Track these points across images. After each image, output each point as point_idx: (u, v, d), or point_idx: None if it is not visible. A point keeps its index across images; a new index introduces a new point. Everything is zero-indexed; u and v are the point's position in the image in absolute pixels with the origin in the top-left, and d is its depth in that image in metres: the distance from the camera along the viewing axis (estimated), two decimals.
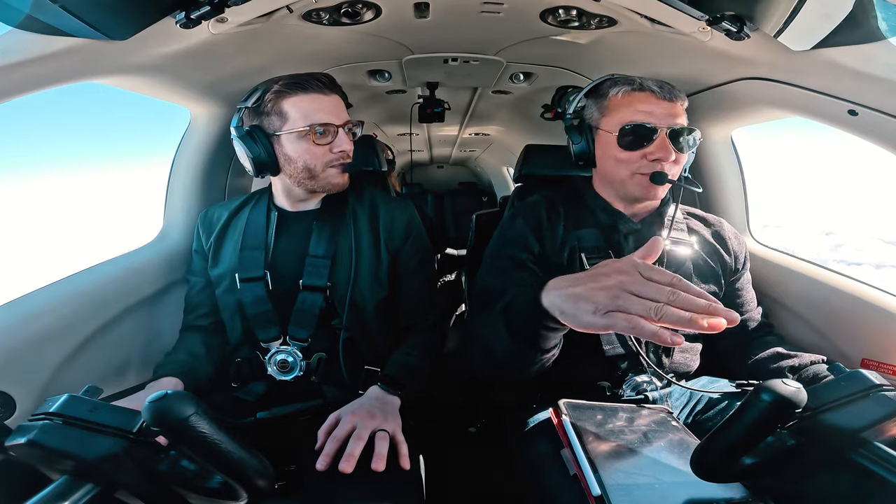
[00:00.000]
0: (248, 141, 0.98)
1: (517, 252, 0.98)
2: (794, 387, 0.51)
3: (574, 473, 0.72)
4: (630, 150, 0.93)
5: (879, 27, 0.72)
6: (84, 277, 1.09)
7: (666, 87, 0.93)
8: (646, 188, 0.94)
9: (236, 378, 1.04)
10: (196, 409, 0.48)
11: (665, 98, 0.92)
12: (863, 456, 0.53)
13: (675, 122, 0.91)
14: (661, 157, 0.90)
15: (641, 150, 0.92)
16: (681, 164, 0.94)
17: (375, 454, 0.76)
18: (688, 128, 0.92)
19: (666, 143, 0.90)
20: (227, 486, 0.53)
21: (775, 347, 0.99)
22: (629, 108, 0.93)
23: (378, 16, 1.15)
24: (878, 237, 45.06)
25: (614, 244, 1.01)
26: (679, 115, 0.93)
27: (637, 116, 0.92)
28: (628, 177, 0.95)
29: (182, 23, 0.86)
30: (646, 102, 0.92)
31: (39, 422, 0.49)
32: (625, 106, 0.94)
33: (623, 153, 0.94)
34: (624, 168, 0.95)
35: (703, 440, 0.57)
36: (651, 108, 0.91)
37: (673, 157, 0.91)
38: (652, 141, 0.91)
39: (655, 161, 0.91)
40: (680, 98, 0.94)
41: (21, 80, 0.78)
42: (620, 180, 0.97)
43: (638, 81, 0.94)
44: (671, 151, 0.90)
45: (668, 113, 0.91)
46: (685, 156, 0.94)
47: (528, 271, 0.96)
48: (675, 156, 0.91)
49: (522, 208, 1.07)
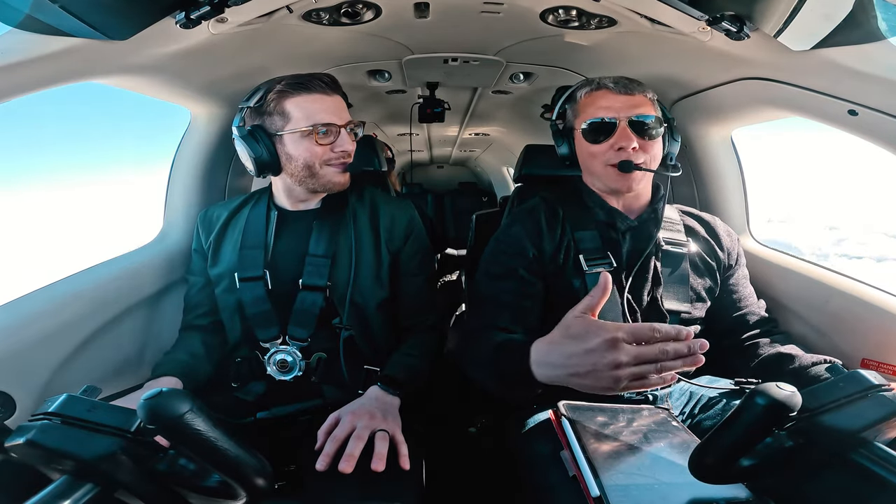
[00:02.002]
0: (250, 140, 0.98)
1: (510, 260, 1.01)
2: (788, 390, 0.51)
3: (573, 475, 0.72)
4: (597, 144, 1.00)
5: (879, 27, 0.72)
6: (84, 277, 1.09)
7: (622, 82, 1.00)
8: (617, 177, 0.99)
9: (236, 378, 1.04)
10: (191, 406, 0.48)
11: (621, 92, 0.98)
12: (862, 456, 0.53)
13: (635, 112, 0.97)
14: (623, 145, 0.96)
15: (606, 142, 0.98)
16: (650, 152, 0.98)
17: (375, 454, 0.76)
18: (647, 115, 0.97)
19: (626, 132, 0.96)
20: (226, 485, 0.53)
21: (780, 347, 0.99)
22: (592, 106, 1.00)
23: (378, 16, 1.15)
24: (881, 231, 45.02)
25: (612, 242, 1.02)
26: (639, 106, 0.98)
27: (598, 112, 0.99)
28: (602, 169, 1.01)
29: (182, 23, 0.86)
30: (604, 98, 0.99)
31: (38, 422, 0.49)
32: (589, 105, 1.01)
33: (593, 147, 1.00)
34: (597, 161, 1.01)
35: (701, 442, 0.57)
36: (609, 103, 0.98)
37: (635, 145, 0.95)
38: (613, 132, 0.97)
39: (621, 150, 0.96)
40: (638, 90, 0.99)
41: (21, 80, 0.78)
42: (597, 174, 1.02)
43: (596, 81, 1.02)
44: (632, 139, 0.95)
45: (626, 105, 0.97)
46: (653, 143, 0.99)
47: (520, 280, 0.99)
48: (640, 143, 0.96)
49: (521, 214, 1.08)
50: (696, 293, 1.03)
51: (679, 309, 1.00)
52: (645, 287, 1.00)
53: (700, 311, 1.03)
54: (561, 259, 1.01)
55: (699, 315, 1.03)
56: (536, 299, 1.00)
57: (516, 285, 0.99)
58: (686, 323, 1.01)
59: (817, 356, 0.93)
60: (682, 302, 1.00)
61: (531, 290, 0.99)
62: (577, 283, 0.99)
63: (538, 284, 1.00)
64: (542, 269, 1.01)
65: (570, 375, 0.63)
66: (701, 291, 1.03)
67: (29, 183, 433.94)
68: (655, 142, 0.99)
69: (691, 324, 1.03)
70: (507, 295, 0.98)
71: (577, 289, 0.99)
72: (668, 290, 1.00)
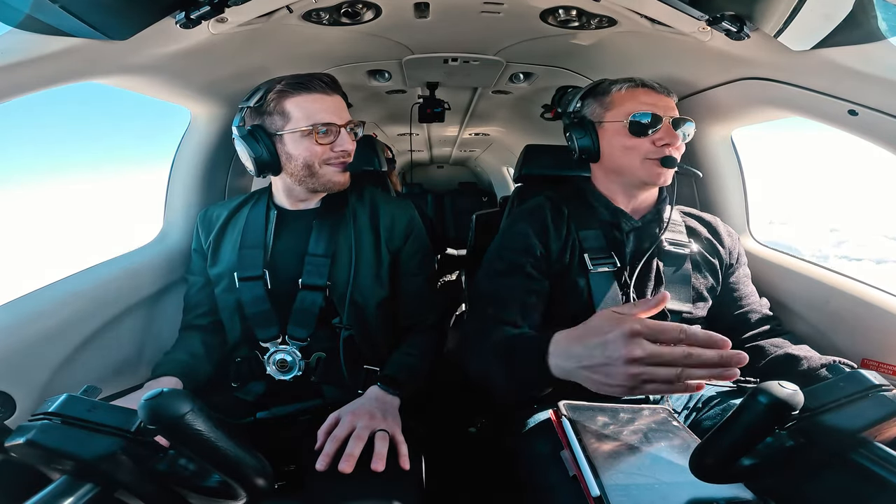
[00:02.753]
0: (251, 140, 0.98)
1: (517, 256, 1.00)
2: (790, 389, 0.50)
3: (573, 475, 0.72)
4: (639, 137, 0.99)
5: (879, 27, 0.72)
6: (84, 277, 1.09)
7: (661, 85, 1.03)
8: (656, 172, 1.00)
9: (236, 378, 1.04)
10: (192, 406, 0.48)
11: (662, 93, 1.01)
12: (862, 456, 0.53)
13: (675, 114, 1.00)
14: (669, 141, 0.98)
15: (649, 136, 0.99)
16: (681, 152, 1.01)
17: (375, 454, 0.76)
18: (684, 118, 1.00)
19: (670, 130, 0.98)
20: (226, 485, 0.53)
21: (790, 348, 0.98)
22: (634, 101, 1.00)
23: (378, 16, 1.15)
24: (881, 233, 45.05)
25: (616, 242, 1.02)
26: (675, 109, 1.01)
27: (643, 107, 0.99)
28: (638, 163, 1.00)
29: (182, 23, 0.86)
30: (648, 95, 1.00)
31: (38, 422, 0.49)
32: (629, 99, 1.01)
33: (632, 140, 1.00)
34: (634, 155, 1.01)
35: (701, 442, 0.57)
36: (654, 101, 1.00)
37: (679, 143, 0.99)
38: (658, 128, 0.98)
39: (665, 146, 0.98)
40: (673, 95, 1.03)
41: (21, 80, 0.78)
42: (630, 167, 1.02)
43: (639, 79, 1.02)
44: (678, 137, 0.98)
45: (667, 105, 1.00)
46: (682, 145, 1.02)
47: (526, 276, 0.99)
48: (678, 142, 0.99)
49: (526, 212, 1.08)
50: (697, 292, 1.03)
51: (681, 309, 1.00)
52: (648, 287, 1.00)
53: (702, 311, 1.04)
54: (567, 258, 1.01)
55: (701, 314, 1.03)
56: (541, 296, 1.00)
57: (522, 281, 0.98)
58: (687, 322, 1.02)
59: (827, 357, 0.92)
60: (684, 302, 1.01)
61: (536, 287, 0.99)
62: (582, 283, 0.99)
63: (543, 282, 1.00)
64: (548, 267, 1.01)
65: (583, 368, 0.60)
66: (703, 290, 1.04)
67: (29, 182, 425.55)
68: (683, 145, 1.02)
69: (693, 323, 1.03)
70: (514, 290, 0.98)
71: (582, 288, 0.99)
72: (671, 290, 1.00)
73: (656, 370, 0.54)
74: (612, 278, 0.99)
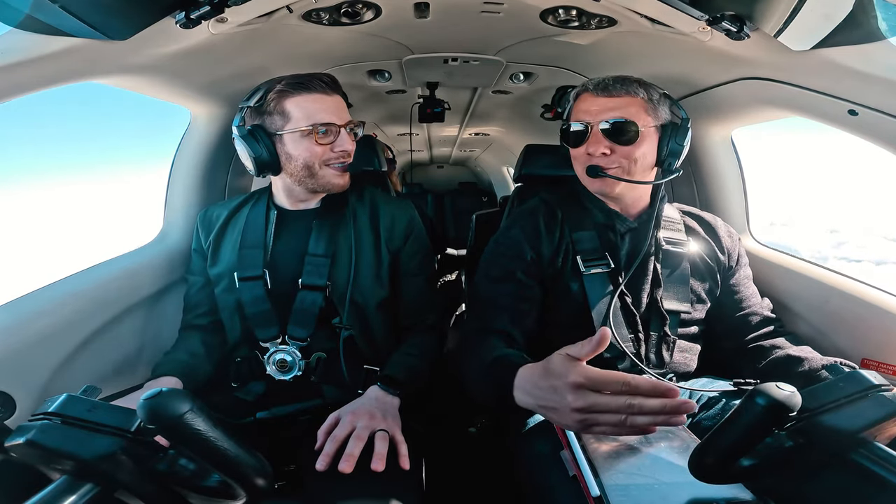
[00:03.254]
0: (250, 140, 0.98)
1: (508, 263, 1.01)
2: (788, 390, 0.51)
3: (573, 474, 0.72)
4: (574, 148, 1.00)
5: (879, 27, 0.72)
6: (84, 277, 1.09)
7: (603, 84, 0.96)
8: (590, 182, 1.00)
9: (236, 378, 1.04)
10: (191, 406, 0.48)
11: (599, 94, 0.96)
12: (862, 456, 0.53)
13: (609, 116, 0.94)
14: (591, 150, 0.96)
15: (581, 146, 0.98)
16: (629, 156, 0.95)
17: (375, 454, 0.76)
18: (622, 120, 0.93)
19: (597, 137, 0.95)
20: (226, 485, 0.53)
21: (790, 349, 0.97)
22: (576, 110, 1.00)
23: (378, 16, 1.15)
24: (882, 234, 45.06)
25: (611, 244, 1.02)
26: (617, 109, 0.94)
27: (579, 116, 0.99)
28: (581, 173, 1.01)
29: (182, 23, 0.86)
30: (585, 102, 0.98)
31: (38, 422, 0.49)
32: (574, 108, 1.01)
33: (572, 151, 1.01)
34: (578, 165, 1.02)
35: (700, 443, 0.57)
36: (588, 107, 0.97)
37: (603, 150, 0.94)
38: (586, 137, 0.97)
39: (590, 155, 0.96)
40: (621, 91, 0.95)
41: (21, 80, 0.78)
42: (579, 176, 1.03)
43: (584, 85, 1.00)
44: (601, 145, 0.94)
45: (602, 108, 0.95)
46: (631, 148, 0.94)
47: (518, 282, 0.99)
48: (613, 148, 0.94)
49: (520, 216, 1.08)
50: (696, 295, 1.02)
51: (679, 309, 1.00)
52: (644, 289, 0.99)
53: (700, 313, 1.03)
54: (559, 262, 1.01)
55: (699, 317, 1.03)
56: (534, 302, 1.00)
57: (514, 288, 0.99)
58: (686, 323, 1.01)
59: (828, 358, 0.92)
60: (682, 302, 1.00)
61: (529, 293, 0.99)
62: (575, 287, 0.99)
63: (536, 287, 1.00)
64: (539, 272, 1.01)
65: (540, 407, 0.64)
66: (701, 293, 1.03)
67: (27, 181, 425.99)
68: (634, 147, 0.94)
69: (691, 324, 1.03)
70: (505, 297, 0.98)
71: (575, 292, 0.99)
72: (668, 290, 1.00)
73: (600, 416, 0.57)
74: (606, 279, 0.99)
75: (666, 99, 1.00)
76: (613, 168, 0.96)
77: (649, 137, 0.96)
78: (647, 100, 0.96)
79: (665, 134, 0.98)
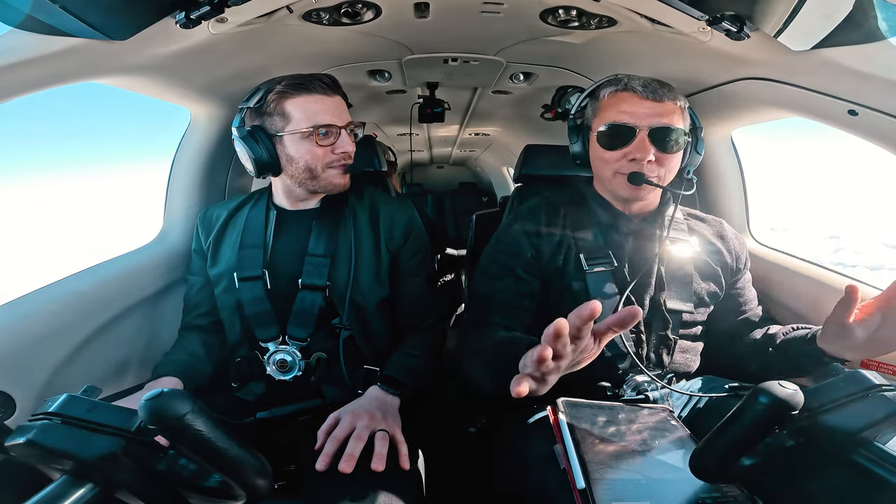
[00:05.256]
0: (250, 141, 0.98)
1: (508, 259, 1.01)
2: (790, 388, 0.51)
3: (564, 468, 0.72)
4: (611, 150, 0.95)
5: (879, 27, 0.72)
6: (84, 277, 1.09)
7: (651, 87, 0.92)
8: (627, 188, 0.95)
9: (236, 378, 1.04)
10: (192, 406, 0.48)
11: (648, 98, 0.92)
12: (862, 456, 0.53)
13: (659, 122, 0.91)
14: (637, 157, 0.91)
15: (621, 149, 0.93)
16: (667, 165, 0.94)
17: (375, 454, 0.76)
18: (671, 128, 0.91)
19: (645, 143, 0.91)
20: (226, 485, 0.53)
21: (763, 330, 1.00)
22: (613, 109, 0.94)
23: (378, 16, 1.15)
24: (881, 241, 45.15)
25: (614, 244, 1.01)
26: (665, 115, 0.92)
27: (619, 117, 0.93)
28: (611, 176, 0.97)
29: (182, 23, 0.86)
30: (628, 102, 0.93)
31: (38, 422, 0.49)
32: (611, 106, 0.95)
33: (606, 153, 0.96)
34: (608, 168, 0.97)
35: (701, 442, 0.57)
36: (633, 109, 0.92)
37: (650, 157, 0.91)
38: (631, 141, 0.92)
39: (633, 161, 0.92)
40: (668, 97, 0.92)
41: (21, 80, 0.78)
42: (607, 180, 0.99)
43: (624, 81, 0.95)
44: (649, 152, 0.91)
45: (650, 113, 0.91)
46: (672, 157, 0.94)
47: (517, 279, 0.99)
48: (656, 156, 0.92)
49: (521, 213, 1.08)
50: (699, 297, 1.01)
51: (682, 308, 0.99)
52: (648, 290, 0.99)
53: (702, 316, 1.03)
54: (560, 260, 1.00)
55: (701, 319, 1.03)
56: (533, 299, 1.00)
57: (514, 284, 0.99)
58: (687, 324, 1.01)
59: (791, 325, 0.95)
60: (685, 301, 1.00)
61: (528, 290, 0.99)
62: (577, 285, 0.99)
63: (535, 284, 1.00)
64: (539, 269, 1.01)
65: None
66: (704, 296, 1.02)
67: (27, 180, 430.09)
68: (674, 156, 0.94)
69: (693, 325, 1.02)
70: (504, 294, 0.98)
71: (577, 290, 0.98)
72: (671, 290, 0.99)
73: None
74: (609, 278, 0.98)
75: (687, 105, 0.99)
76: (652, 176, 0.93)
77: (681, 148, 0.95)
78: (683, 107, 0.95)
79: (689, 142, 0.98)
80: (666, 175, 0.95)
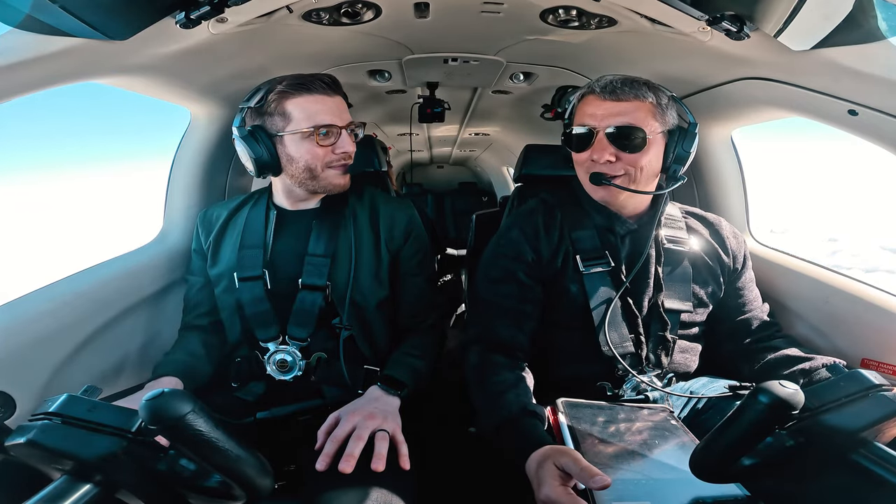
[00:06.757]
0: (251, 141, 0.98)
1: (509, 264, 1.01)
2: (791, 388, 0.50)
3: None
4: (578, 153, 0.98)
5: (879, 27, 0.72)
6: (84, 277, 1.09)
7: (611, 87, 0.92)
8: (593, 189, 0.98)
9: (236, 378, 1.04)
10: (193, 407, 0.48)
11: (607, 98, 0.92)
12: (862, 456, 0.53)
13: (616, 122, 0.91)
14: (596, 157, 0.93)
15: (586, 151, 0.96)
16: (636, 164, 0.93)
17: (375, 454, 0.76)
18: (630, 126, 0.90)
19: (603, 143, 0.92)
20: (227, 485, 0.53)
21: (785, 350, 0.97)
22: (581, 112, 0.98)
23: (378, 16, 1.15)
24: (878, 244, 45.16)
25: (610, 245, 1.01)
26: (625, 114, 0.91)
27: (583, 120, 0.96)
28: (584, 178, 0.99)
29: (182, 23, 0.86)
30: (591, 105, 0.95)
31: (39, 422, 0.49)
32: (579, 110, 0.99)
33: (575, 155, 0.99)
34: (580, 169, 1.00)
35: (702, 442, 0.57)
36: (594, 111, 0.94)
37: (609, 157, 0.92)
38: (591, 142, 0.94)
39: (594, 162, 0.94)
40: (631, 95, 0.91)
41: (21, 80, 0.78)
42: (583, 181, 1.01)
43: (589, 85, 0.97)
44: (605, 151, 0.92)
45: (608, 113, 0.92)
46: (637, 156, 0.92)
47: (520, 283, 0.99)
48: (618, 155, 0.92)
49: (519, 217, 1.08)
50: (697, 297, 1.01)
51: (680, 308, 0.99)
52: (646, 291, 0.99)
53: (701, 316, 1.03)
54: (559, 262, 1.01)
55: (700, 319, 1.03)
56: (536, 303, 1.00)
57: (516, 289, 0.99)
58: (686, 324, 1.01)
59: (818, 358, 0.92)
60: (683, 301, 1.00)
61: (530, 295, 0.99)
62: (575, 288, 0.99)
63: (537, 288, 1.00)
64: (539, 272, 1.01)
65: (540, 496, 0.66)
66: (703, 296, 1.02)
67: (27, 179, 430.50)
68: (642, 154, 0.92)
69: (692, 325, 1.02)
70: (508, 299, 0.98)
71: (574, 293, 0.98)
72: (669, 290, 0.99)
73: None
74: (606, 279, 0.98)
75: (674, 102, 0.97)
76: (619, 176, 0.94)
77: (656, 144, 0.93)
78: (656, 104, 0.93)
79: (672, 139, 0.95)
80: (636, 174, 0.93)
